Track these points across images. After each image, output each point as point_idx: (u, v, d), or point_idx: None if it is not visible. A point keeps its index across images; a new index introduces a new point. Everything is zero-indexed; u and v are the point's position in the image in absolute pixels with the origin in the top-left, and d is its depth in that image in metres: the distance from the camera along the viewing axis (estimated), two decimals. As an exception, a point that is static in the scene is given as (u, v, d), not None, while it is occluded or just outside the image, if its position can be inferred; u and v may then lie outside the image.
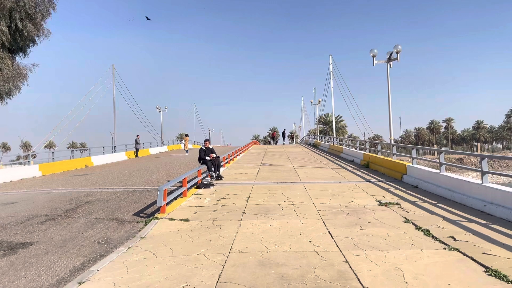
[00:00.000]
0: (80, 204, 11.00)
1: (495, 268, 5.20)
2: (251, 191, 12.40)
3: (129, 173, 18.87)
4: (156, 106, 54.17)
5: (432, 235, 6.98)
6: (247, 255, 6.09)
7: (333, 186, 13.08)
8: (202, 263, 5.77)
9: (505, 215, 7.99)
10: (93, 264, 5.98)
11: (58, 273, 5.72)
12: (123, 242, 7.22)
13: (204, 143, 15.77)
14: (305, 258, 5.87)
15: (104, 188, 13.97)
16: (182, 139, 38.43)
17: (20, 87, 22.63)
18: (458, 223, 7.84)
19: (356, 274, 5.17)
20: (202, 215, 9.10)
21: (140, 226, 8.41)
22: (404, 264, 5.54)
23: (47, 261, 6.29)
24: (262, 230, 7.64)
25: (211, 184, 13.72)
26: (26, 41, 22.23)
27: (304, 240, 6.86)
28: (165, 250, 6.50)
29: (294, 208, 9.65)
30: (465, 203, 9.58)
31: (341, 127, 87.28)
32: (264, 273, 5.31)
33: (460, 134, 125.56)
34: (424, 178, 12.58)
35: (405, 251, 6.13)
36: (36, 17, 21.70)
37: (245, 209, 9.68)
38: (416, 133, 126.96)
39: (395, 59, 20.62)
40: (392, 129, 21.81)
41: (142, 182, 15.25)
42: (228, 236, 7.22)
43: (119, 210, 10.05)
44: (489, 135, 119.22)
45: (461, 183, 10.22)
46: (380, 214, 8.79)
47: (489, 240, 6.56)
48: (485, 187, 9.10)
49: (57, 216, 9.57)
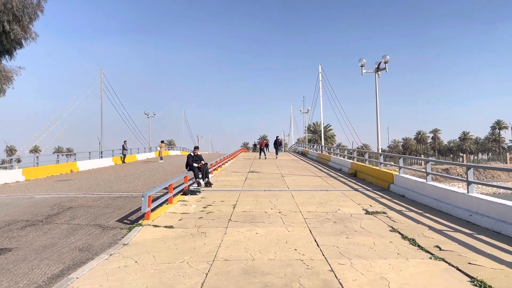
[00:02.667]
0: (62, 210, 10.76)
1: (480, 278, 5.17)
2: (238, 198, 12.29)
3: (115, 179, 18.60)
4: (144, 112, 53.86)
5: (418, 244, 6.96)
6: (232, 263, 5.98)
7: (320, 194, 13.05)
8: (185, 271, 5.64)
9: (490, 225, 8.02)
10: (73, 272, 5.80)
11: (36, 281, 5.53)
12: (105, 249, 7.04)
13: (194, 150, 15.66)
14: (290, 267, 5.79)
15: (89, 194, 13.72)
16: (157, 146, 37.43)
17: (5, 90, 22.26)
18: (444, 232, 7.84)
19: (341, 283, 5.10)
20: (187, 222, 8.96)
21: (123, 232, 8.24)
22: (389, 273, 5.48)
23: (25, 268, 6.09)
24: (248, 237, 7.54)
25: (198, 190, 13.58)
26: (13, 44, 21.92)
27: (289, 249, 6.77)
28: (148, 258, 6.35)
29: (280, 215, 9.57)
30: (451, 212, 9.61)
31: (330, 136, 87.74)
32: (248, 281, 5.20)
33: (446, 145, 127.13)
34: (411, 187, 12.62)
35: (391, 260, 6.09)
36: (23, 19, 21.43)
37: (231, 216, 9.57)
38: (403, 143, 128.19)
39: (383, 69, 20.82)
40: (380, 139, 21.94)
41: (128, 188, 15.02)
42: (213, 244, 7.10)
43: (102, 216, 9.85)
44: (474, 146, 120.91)
45: (447, 193, 10.26)
46: (367, 223, 8.75)
47: (474, 250, 6.56)
48: (470, 197, 9.14)
49: (38, 222, 9.33)
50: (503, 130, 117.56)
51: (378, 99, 21.77)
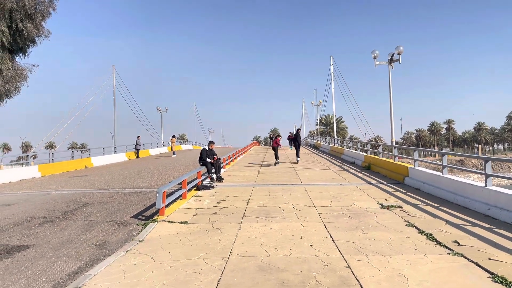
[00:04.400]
0: (78, 206, 10.89)
1: (501, 274, 5.07)
2: (251, 193, 12.28)
3: (128, 174, 18.76)
4: (156, 107, 54.22)
5: (436, 239, 6.85)
6: (247, 260, 5.97)
7: (334, 189, 12.96)
8: (201, 268, 5.64)
9: (509, 219, 7.86)
10: (90, 269, 5.86)
11: (54, 278, 5.60)
12: (121, 245, 7.09)
13: (209, 145, 15.66)
14: (306, 263, 5.75)
15: (103, 190, 13.86)
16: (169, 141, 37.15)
17: (19, 87, 22.55)
18: (462, 227, 7.71)
19: (358, 280, 5.04)
20: (202, 218, 8.98)
21: (138, 228, 8.29)
22: (407, 269, 5.41)
23: (43, 265, 6.17)
24: (262, 233, 7.52)
25: (211, 186, 13.60)
26: (26, 42, 22.15)
27: (305, 244, 6.73)
28: (164, 254, 6.38)
29: (294, 210, 9.52)
30: (468, 206, 9.45)
31: (342, 128, 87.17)
32: (264, 278, 5.18)
33: (461, 136, 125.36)
34: (426, 180, 12.45)
35: (408, 256, 6.01)
36: (36, 17, 21.63)
37: (245, 211, 9.56)
38: (417, 135, 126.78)
39: (396, 60, 20.50)
40: (394, 131, 21.69)
41: (142, 184, 15.13)
42: (227, 240, 7.10)
43: (117, 212, 9.94)
44: (490, 137, 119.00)
45: (464, 186, 10.09)
46: (382, 218, 8.66)
47: (494, 245, 6.43)
48: (488, 190, 8.97)
49: (55, 218, 9.46)
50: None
51: (392, 91, 21.49)
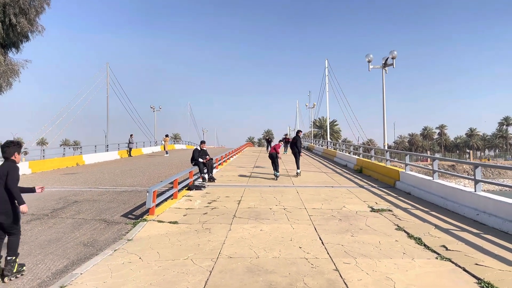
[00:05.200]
0: (68, 204, 10.79)
1: (488, 280, 5.10)
2: (243, 194, 12.26)
3: (120, 173, 18.65)
4: (150, 106, 54.00)
5: (424, 243, 6.88)
6: (236, 261, 5.95)
7: (325, 191, 12.98)
8: (189, 269, 5.62)
9: (497, 225, 7.92)
10: (77, 267, 5.80)
11: (40, 276, 5.54)
12: (110, 244, 7.04)
13: (200, 145, 15.64)
14: (294, 265, 5.74)
15: (94, 188, 13.76)
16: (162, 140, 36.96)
17: (11, 83, 22.39)
18: (451, 232, 7.76)
19: (346, 283, 5.05)
20: (192, 218, 8.95)
21: (128, 228, 8.24)
22: (395, 273, 5.43)
23: (29, 262, 6.09)
24: (252, 234, 7.50)
25: (203, 186, 13.56)
26: (19, 37, 21.99)
27: (294, 246, 6.73)
28: (152, 254, 6.34)
29: (285, 212, 9.52)
30: (457, 211, 9.52)
31: (335, 131, 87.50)
32: (252, 280, 5.17)
33: (453, 141, 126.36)
34: (417, 185, 12.51)
35: (397, 260, 6.03)
36: (30, 12, 21.50)
37: (236, 212, 9.54)
38: (409, 139, 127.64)
39: (390, 64, 20.63)
40: (386, 135, 21.80)
41: (133, 182, 15.05)
42: (217, 241, 7.08)
43: (107, 211, 9.87)
44: (481, 142, 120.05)
45: (454, 191, 10.15)
46: (372, 221, 8.68)
47: (481, 250, 6.47)
48: (478, 196, 9.03)
49: (43, 216, 9.37)
50: (510, 126, 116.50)
51: (385, 95, 21.60)
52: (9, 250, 5.42)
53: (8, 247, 5.42)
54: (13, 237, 5.47)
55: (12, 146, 5.49)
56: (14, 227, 5.44)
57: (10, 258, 5.40)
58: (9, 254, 5.42)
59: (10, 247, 5.43)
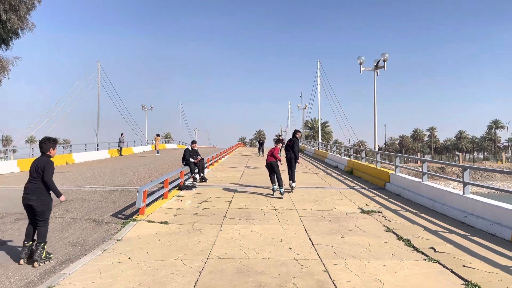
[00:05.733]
0: (56, 203, 10.66)
1: (475, 282, 5.16)
2: (234, 194, 12.25)
3: (110, 172, 18.53)
4: (141, 105, 53.70)
5: (413, 245, 6.94)
6: (226, 262, 5.94)
7: (316, 192, 13.03)
8: (179, 269, 5.60)
9: (485, 227, 8.02)
10: (65, 267, 5.75)
11: (28, 276, 5.48)
12: (99, 244, 6.99)
13: (192, 144, 15.60)
14: (284, 266, 5.76)
15: (83, 187, 13.65)
16: (153, 139, 36.58)
17: (0, 80, 22.08)
18: (439, 233, 7.84)
19: (335, 284, 5.08)
20: (182, 218, 8.92)
21: (117, 227, 8.18)
22: (384, 274, 5.47)
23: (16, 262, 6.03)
24: (243, 235, 7.51)
25: (194, 186, 13.53)
26: (9, 34, 21.76)
27: (284, 247, 6.75)
28: (142, 254, 6.31)
29: (276, 213, 9.54)
30: (446, 213, 9.62)
31: (327, 132, 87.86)
32: (242, 281, 5.17)
33: (443, 144, 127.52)
34: (407, 186, 12.62)
35: (386, 261, 6.07)
36: (20, 9, 21.26)
37: (226, 213, 9.53)
38: (400, 141, 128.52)
39: (382, 67, 20.77)
40: (377, 136, 21.94)
41: (123, 182, 14.96)
42: (207, 241, 7.07)
43: (96, 210, 9.80)
44: (471, 145, 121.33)
45: (442, 193, 10.26)
46: (362, 222, 8.74)
47: (469, 252, 6.55)
48: (466, 198, 9.14)
49: (31, 215, 9.26)
50: (499, 129, 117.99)
51: (376, 97, 21.74)
52: (38, 237, 5.95)
53: (37, 235, 5.98)
54: (42, 226, 5.99)
55: (48, 142, 6.04)
56: (44, 216, 5.98)
57: (38, 245, 5.90)
58: (38, 241, 5.92)
59: (39, 235, 5.96)
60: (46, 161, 5.98)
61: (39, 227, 5.98)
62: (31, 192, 5.90)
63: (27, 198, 5.91)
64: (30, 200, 5.88)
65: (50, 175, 5.91)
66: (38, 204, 5.88)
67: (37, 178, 5.94)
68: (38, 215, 5.93)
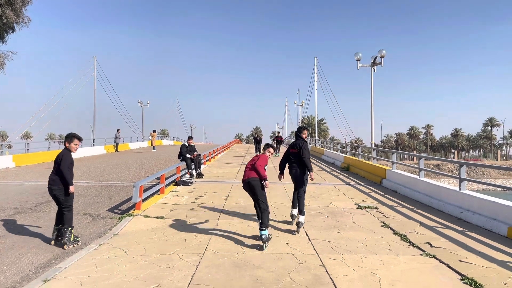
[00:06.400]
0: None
1: (471, 276, 5.18)
2: (231, 190, 12.23)
3: (106, 168, 18.46)
4: (138, 101, 53.54)
5: (409, 240, 6.96)
6: (222, 256, 5.93)
7: (312, 188, 13.03)
8: (175, 263, 5.58)
9: (481, 223, 8.05)
10: (61, 261, 5.72)
11: (23, 270, 5.44)
12: (95, 238, 6.96)
13: (188, 140, 15.57)
14: (281, 261, 5.75)
15: (79, 182, 13.58)
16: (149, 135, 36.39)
17: (-5, 74, 21.91)
18: (435, 229, 7.85)
19: (332, 278, 5.07)
20: (179, 213, 8.89)
21: (113, 222, 8.15)
22: (380, 269, 5.47)
23: (12, 256, 5.99)
24: (239, 230, 7.48)
25: (190, 181, 13.49)
26: (5, 28, 21.61)
27: (281, 242, 6.74)
28: (138, 249, 6.28)
29: (273, 208, 9.52)
30: (442, 209, 9.64)
31: (323, 129, 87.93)
32: (238, 275, 5.16)
33: (438, 141, 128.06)
34: (403, 183, 12.64)
35: (382, 256, 6.08)
36: (16, 3, 21.10)
37: (223, 208, 9.51)
38: (396, 138, 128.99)
39: (379, 63, 20.78)
40: (374, 134, 21.98)
41: (119, 177, 14.90)
42: (204, 236, 7.04)
43: (93, 205, 9.75)
44: (466, 143, 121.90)
45: (439, 190, 10.28)
46: (359, 218, 8.74)
47: (465, 247, 6.57)
48: (462, 194, 9.17)
49: (27, 210, 9.21)
50: (495, 127, 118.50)
51: (373, 94, 21.75)
52: (65, 223, 6.47)
53: (63, 220, 6.48)
54: (67, 212, 6.49)
55: (65, 137, 6.61)
56: (67, 203, 6.48)
57: (66, 229, 6.45)
58: (65, 226, 6.46)
59: (65, 220, 6.47)
60: (63, 153, 6.49)
61: (64, 214, 6.48)
62: (53, 182, 6.42)
63: (50, 188, 6.46)
64: (52, 190, 6.42)
65: (64, 165, 6.35)
66: (60, 193, 6.39)
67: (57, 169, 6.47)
68: (61, 202, 6.46)
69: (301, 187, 7.72)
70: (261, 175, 6.61)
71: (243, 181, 6.85)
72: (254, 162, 6.79)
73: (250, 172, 6.75)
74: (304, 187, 7.76)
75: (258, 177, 6.64)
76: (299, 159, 7.74)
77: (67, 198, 6.45)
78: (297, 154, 7.78)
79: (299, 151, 7.75)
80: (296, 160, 7.80)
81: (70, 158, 6.48)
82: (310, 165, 7.70)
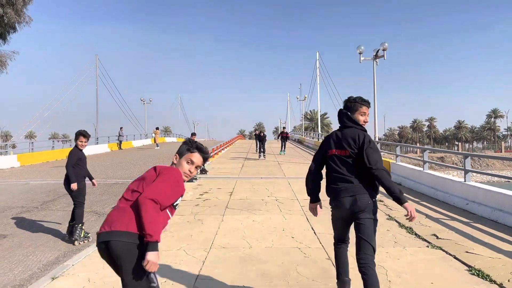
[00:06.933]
0: (58, 196, 10.69)
1: (478, 267, 5.17)
2: (235, 185, 12.26)
3: (110, 165, 18.52)
4: (140, 98, 53.62)
5: (415, 233, 6.95)
6: (229, 251, 5.95)
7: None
8: (182, 259, 5.60)
9: (486, 214, 8.03)
10: (68, 259, 5.75)
11: (31, 268, 5.48)
12: (101, 236, 6.98)
13: (191, 136, 15.61)
14: (287, 255, 5.76)
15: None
16: (152, 133, 36.33)
17: (-2, 74, 21.97)
18: (441, 221, 7.84)
19: (339, 271, 5.07)
20: (184, 209, 8.92)
21: (119, 219, 8.17)
22: (387, 261, 5.47)
23: (20, 254, 6.04)
24: (245, 225, 7.51)
25: (194, 178, 13.52)
26: (7, 28, 21.62)
27: (287, 236, 6.75)
28: (144, 245, 6.29)
29: (277, 203, 9.54)
30: (447, 201, 9.62)
31: (326, 124, 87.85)
32: (245, 269, 5.17)
33: (442, 134, 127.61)
34: (408, 175, 12.62)
35: (388, 248, 6.08)
36: (17, 3, 21.10)
37: (228, 203, 9.53)
38: (399, 131, 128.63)
39: (381, 56, 20.69)
40: (377, 127, 21.91)
41: (124, 175, 14.96)
42: (209, 231, 7.07)
43: (98, 203, 9.80)
44: (470, 135, 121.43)
45: (444, 181, 10.26)
46: (364, 211, 8.72)
47: (471, 238, 6.56)
48: (467, 186, 9.14)
49: (33, 208, 9.27)
50: (498, 118, 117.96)
51: (376, 87, 21.67)
52: (76, 219, 6.62)
53: (74, 216, 6.64)
54: (77, 208, 6.66)
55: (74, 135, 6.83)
56: (78, 200, 6.68)
57: (77, 225, 6.58)
58: (76, 222, 6.60)
59: (75, 216, 6.63)
60: (70, 151, 6.81)
61: (75, 210, 6.66)
62: (65, 179, 6.71)
63: (64, 185, 6.76)
64: (64, 186, 6.74)
65: (69, 163, 6.62)
66: (69, 189, 6.62)
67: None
68: (72, 199, 6.73)
69: (364, 239, 3.75)
70: (147, 227, 2.60)
71: (98, 237, 2.76)
72: (144, 181, 2.85)
73: (119, 213, 2.77)
74: (371, 241, 3.75)
75: (130, 232, 2.68)
76: (356, 169, 3.74)
77: (77, 194, 6.65)
78: (350, 159, 3.76)
79: (358, 152, 3.70)
80: (347, 171, 3.78)
81: (76, 156, 6.73)
82: (394, 185, 3.67)
